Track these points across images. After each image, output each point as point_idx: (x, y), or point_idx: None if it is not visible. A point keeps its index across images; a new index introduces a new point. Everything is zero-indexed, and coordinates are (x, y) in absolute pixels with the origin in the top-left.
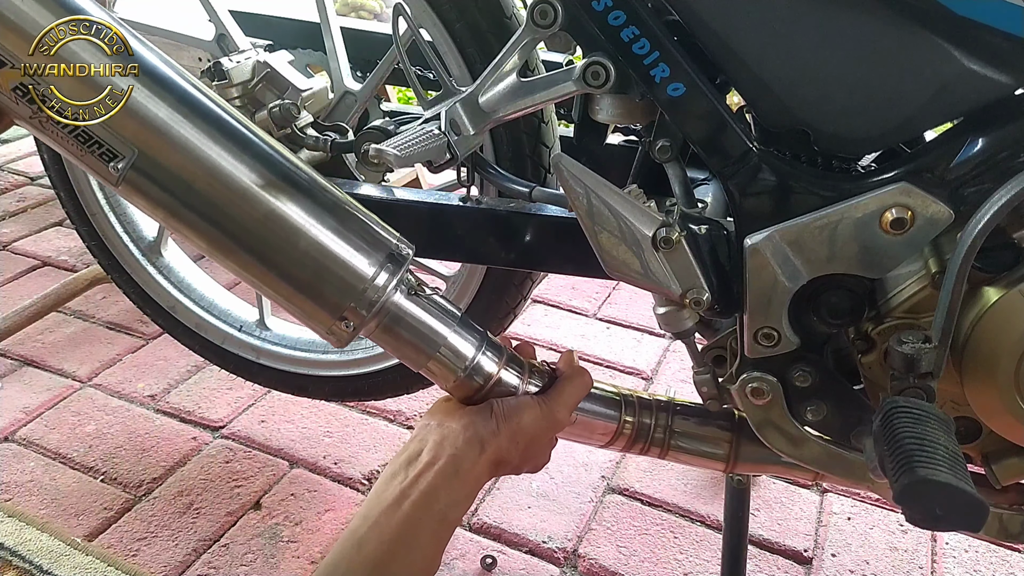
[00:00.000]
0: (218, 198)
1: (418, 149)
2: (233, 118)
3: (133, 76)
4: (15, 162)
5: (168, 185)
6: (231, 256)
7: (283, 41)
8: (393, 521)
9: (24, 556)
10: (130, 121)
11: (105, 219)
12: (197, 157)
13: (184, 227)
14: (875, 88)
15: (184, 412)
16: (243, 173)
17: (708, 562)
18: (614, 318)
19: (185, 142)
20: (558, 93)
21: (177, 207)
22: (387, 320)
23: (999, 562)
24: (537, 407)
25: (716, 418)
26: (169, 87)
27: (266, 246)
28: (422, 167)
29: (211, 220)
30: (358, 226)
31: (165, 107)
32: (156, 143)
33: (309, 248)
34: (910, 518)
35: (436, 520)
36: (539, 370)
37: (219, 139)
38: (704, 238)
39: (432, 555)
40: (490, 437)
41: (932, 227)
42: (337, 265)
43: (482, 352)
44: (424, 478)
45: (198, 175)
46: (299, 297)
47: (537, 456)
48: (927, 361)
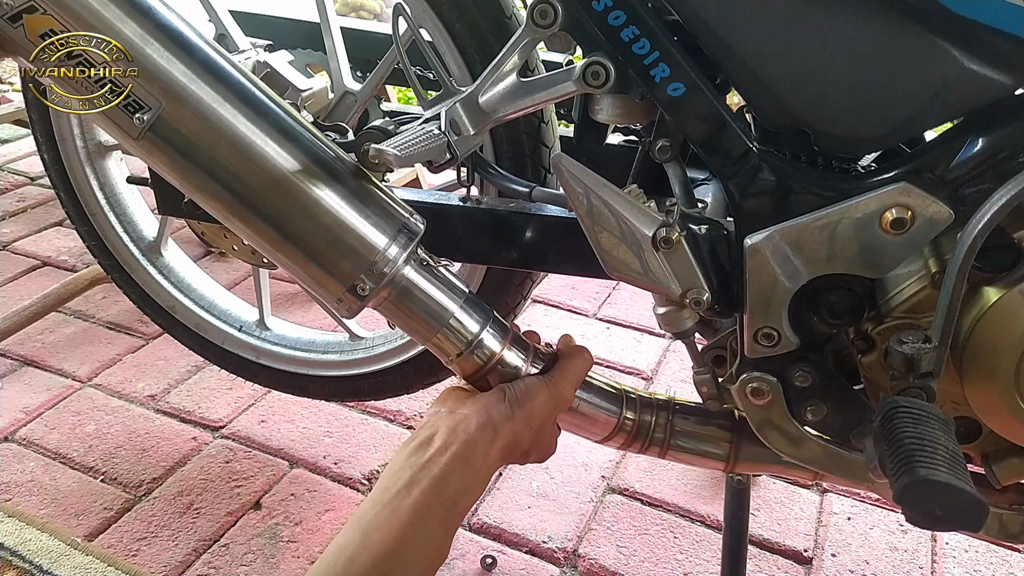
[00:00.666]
0: (237, 161)
1: (418, 149)
2: (256, 87)
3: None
4: (15, 162)
5: (189, 143)
6: (245, 220)
7: (283, 41)
8: (403, 507)
9: (24, 556)
10: (160, 74)
11: (105, 219)
12: (220, 118)
13: (200, 188)
14: (875, 88)
15: (184, 412)
16: (263, 139)
17: (708, 562)
18: (614, 318)
19: (211, 101)
20: (558, 93)
21: (195, 167)
22: (396, 292)
23: (999, 562)
24: (545, 388)
25: (716, 417)
26: (194, 49)
27: (280, 212)
28: (422, 167)
29: (228, 183)
30: (372, 198)
31: (194, 65)
32: (183, 97)
33: (324, 217)
34: (910, 518)
35: (446, 507)
36: (542, 353)
37: (242, 105)
38: (704, 238)
39: (441, 543)
40: (504, 422)
41: (932, 227)
42: (350, 235)
43: (487, 330)
44: (436, 464)
45: (220, 136)
46: (311, 265)
47: (545, 441)
48: (927, 361)
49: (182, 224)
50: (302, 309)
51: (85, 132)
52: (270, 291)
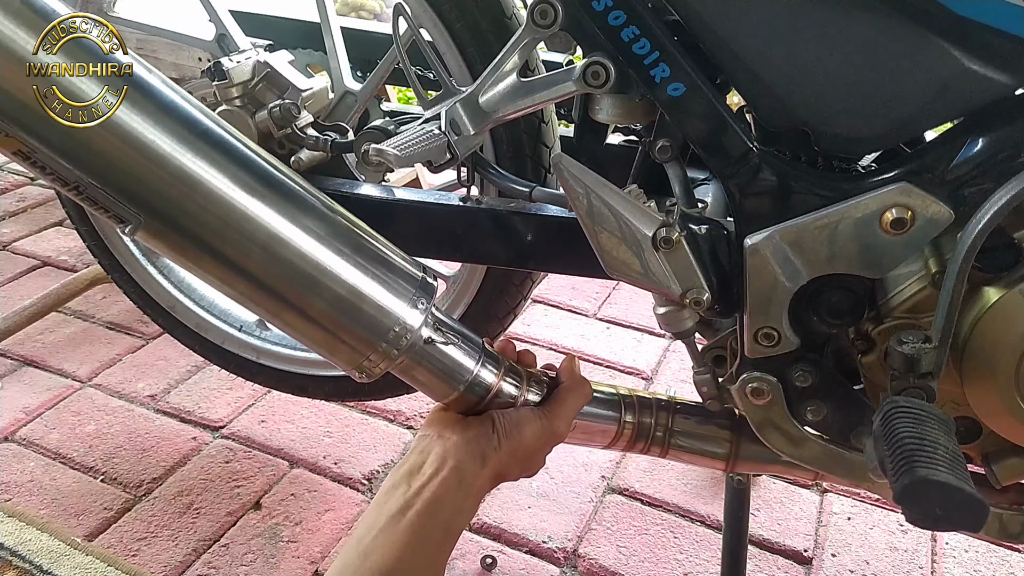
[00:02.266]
0: (242, 246)
1: (418, 149)
2: (233, 151)
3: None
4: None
5: (183, 240)
6: (261, 303)
7: (283, 41)
8: (399, 529)
9: (24, 556)
10: (133, 184)
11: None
12: (214, 203)
13: (208, 276)
14: (875, 88)
15: (184, 412)
16: (266, 215)
17: (708, 562)
18: (614, 318)
19: (194, 194)
20: (558, 93)
21: (198, 258)
22: (413, 357)
23: (999, 562)
24: (537, 420)
25: (716, 417)
26: (174, 141)
27: (295, 292)
28: (422, 167)
29: (236, 269)
30: (386, 262)
31: (171, 166)
32: (162, 206)
33: (342, 292)
34: (910, 518)
35: (441, 529)
36: (537, 379)
37: (235, 177)
38: (704, 238)
39: (437, 564)
40: (491, 452)
41: (932, 227)
42: (370, 307)
43: (481, 365)
44: (428, 488)
45: (217, 222)
46: (333, 341)
47: (535, 465)
48: (927, 361)
49: None
50: None
51: None
52: None
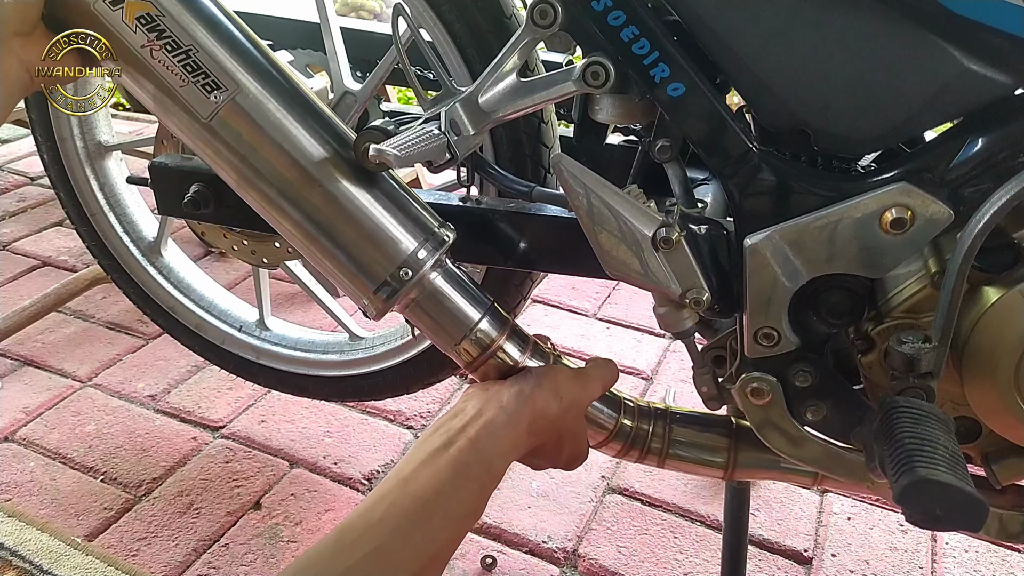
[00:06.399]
0: (288, 155)
1: (418, 149)
2: (304, 89)
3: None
4: (15, 162)
5: (253, 132)
6: (285, 214)
7: (283, 41)
8: (441, 461)
9: (24, 556)
10: (229, 63)
11: (105, 219)
12: (279, 112)
13: (247, 178)
14: (875, 88)
15: (184, 412)
16: (310, 138)
17: (708, 562)
18: (614, 318)
19: (273, 94)
20: (558, 93)
21: (251, 156)
22: (422, 297)
23: (999, 562)
24: (572, 370)
25: (714, 425)
26: (260, 46)
27: (319, 209)
28: (422, 167)
29: (275, 175)
30: (406, 206)
31: (260, 59)
32: (258, 83)
33: (361, 219)
34: (910, 518)
35: (483, 467)
36: (542, 350)
37: (295, 103)
38: (704, 238)
39: (476, 502)
40: (533, 388)
41: (932, 227)
42: (382, 237)
43: (506, 339)
44: (471, 427)
45: (276, 130)
46: (343, 264)
47: (575, 428)
48: (927, 361)
49: (182, 224)
50: (302, 309)
51: (84, 132)
52: (270, 291)
